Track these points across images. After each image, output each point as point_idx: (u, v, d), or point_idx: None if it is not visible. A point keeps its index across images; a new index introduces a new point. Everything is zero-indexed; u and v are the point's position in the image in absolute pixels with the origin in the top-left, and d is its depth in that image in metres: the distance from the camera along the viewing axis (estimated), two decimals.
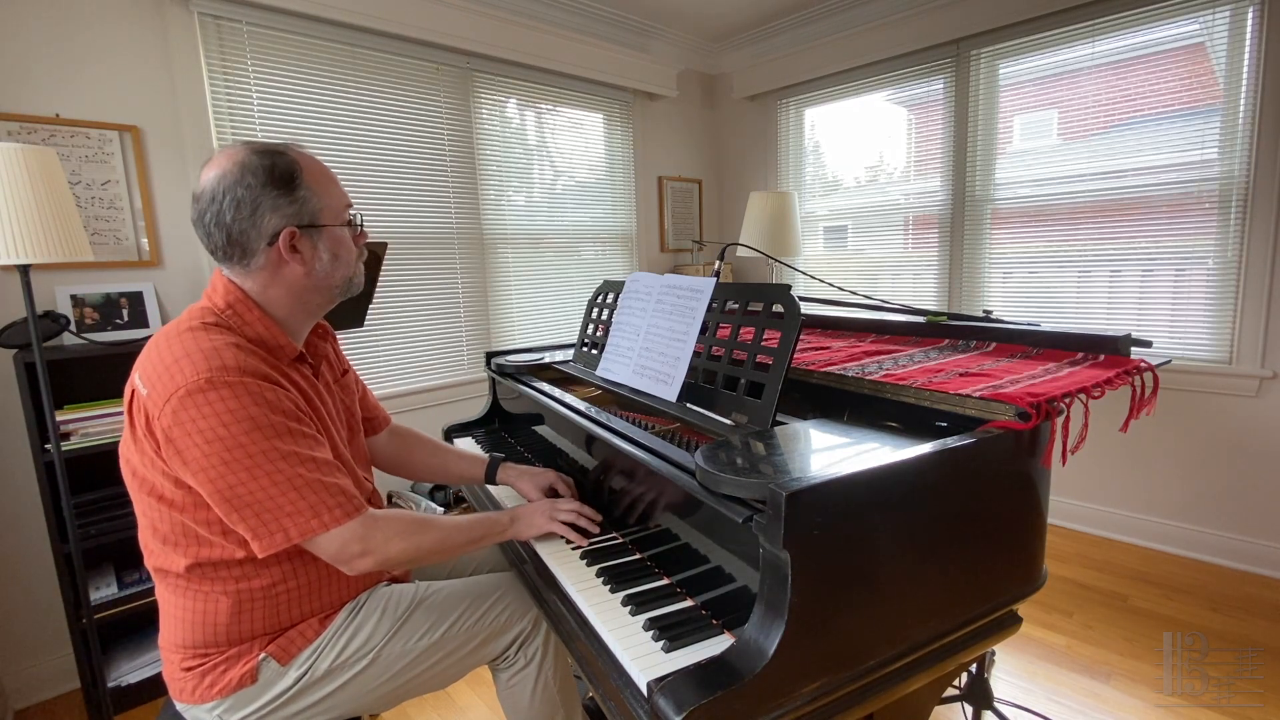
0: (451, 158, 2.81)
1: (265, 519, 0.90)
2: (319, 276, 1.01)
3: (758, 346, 1.12)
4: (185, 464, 0.88)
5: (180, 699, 1.01)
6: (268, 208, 0.94)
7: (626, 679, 0.83)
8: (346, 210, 1.05)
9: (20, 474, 1.89)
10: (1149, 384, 1.18)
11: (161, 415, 0.87)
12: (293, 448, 0.91)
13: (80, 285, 1.91)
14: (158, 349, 0.92)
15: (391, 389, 2.69)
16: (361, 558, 0.96)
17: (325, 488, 0.93)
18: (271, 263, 0.98)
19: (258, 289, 0.99)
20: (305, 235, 0.98)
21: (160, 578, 1.00)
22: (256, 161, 0.94)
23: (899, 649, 0.87)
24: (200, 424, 0.86)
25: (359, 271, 1.08)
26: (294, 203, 0.96)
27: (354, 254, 1.06)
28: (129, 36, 2.01)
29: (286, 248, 0.97)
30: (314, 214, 0.98)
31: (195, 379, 0.86)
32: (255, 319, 0.98)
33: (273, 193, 0.94)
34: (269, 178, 0.94)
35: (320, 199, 0.99)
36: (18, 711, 1.92)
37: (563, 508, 1.20)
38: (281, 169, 0.96)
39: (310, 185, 0.98)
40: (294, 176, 0.96)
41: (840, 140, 3.52)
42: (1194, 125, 2.40)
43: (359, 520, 0.96)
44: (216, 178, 0.94)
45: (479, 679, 1.92)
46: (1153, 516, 2.63)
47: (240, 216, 0.94)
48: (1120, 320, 2.63)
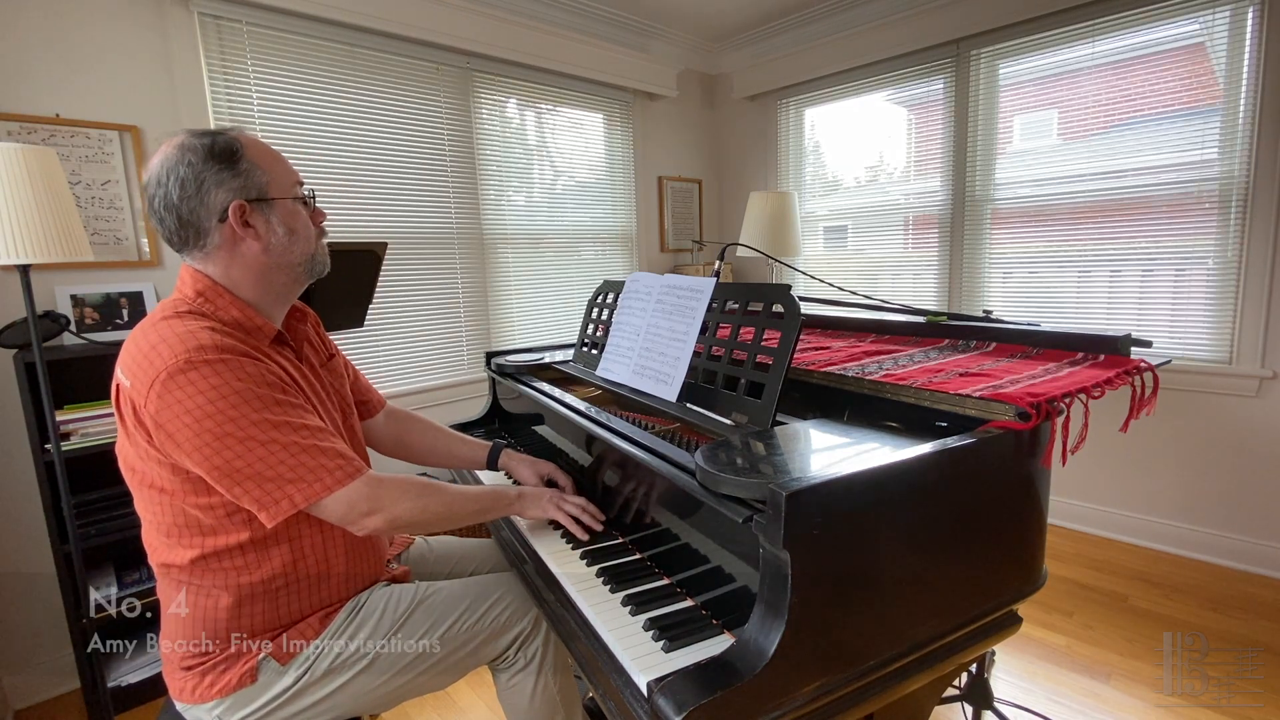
0: (451, 158, 2.81)
1: (268, 488, 0.90)
2: (277, 252, 1.00)
3: (758, 346, 1.12)
4: (179, 446, 0.88)
5: (180, 699, 1.01)
6: (212, 183, 0.94)
7: (626, 679, 0.83)
8: (297, 186, 1.04)
9: (20, 474, 1.89)
10: (1149, 384, 1.18)
11: (147, 403, 0.87)
12: (283, 417, 0.92)
13: (80, 285, 1.91)
14: (134, 341, 0.93)
15: (391, 389, 2.69)
16: (370, 516, 0.97)
17: (322, 452, 0.94)
18: (227, 241, 0.97)
19: (220, 272, 0.99)
20: (256, 210, 0.98)
21: (164, 574, 1.01)
22: (195, 141, 0.95)
23: (899, 649, 0.87)
24: (187, 404, 0.86)
25: (322, 249, 1.08)
26: (238, 176, 0.96)
27: (312, 231, 1.06)
28: (129, 36, 2.01)
29: (238, 222, 0.96)
30: (261, 187, 0.98)
31: (174, 361, 0.87)
32: (227, 304, 0.99)
33: (214, 167, 0.95)
34: (209, 154, 0.95)
35: (266, 173, 0.99)
36: (18, 711, 1.92)
37: (571, 500, 1.22)
38: (221, 145, 0.96)
39: (253, 159, 0.98)
40: (235, 151, 0.96)
41: (840, 140, 3.52)
42: (1194, 125, 2.40)
43: (362, 480, 0.97)
44: (159, 163, 0.95)
45: (479, 679, 1.92)
46: (1153, 516, 2.63)
47: (186, 195, 0.94)
48: (1120, 320, 2.63)
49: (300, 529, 1.01)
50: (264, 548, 0.99)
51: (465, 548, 1.42)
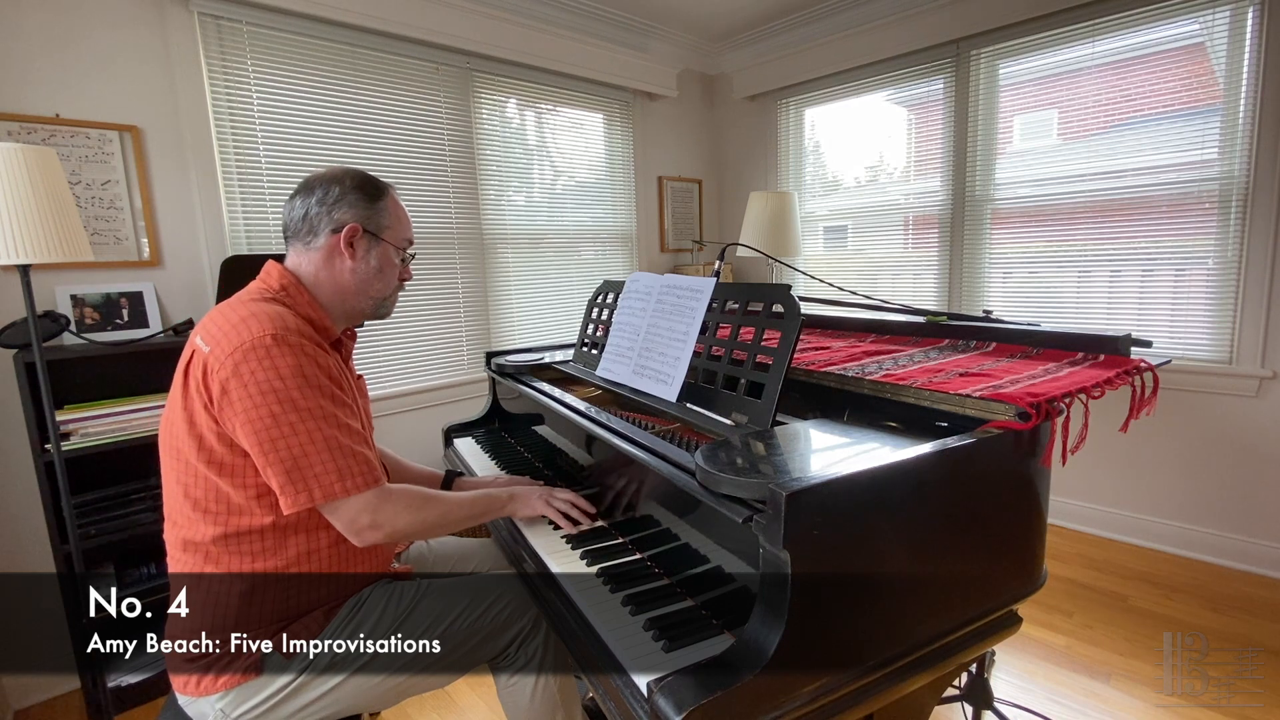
0: (451, 158, 2.81)
1: (294, 476, 0.96)
2: (361, 279, 1.13)
3: (758, 346, 1.12)
4: (236, 414, 0.94)
5: (184, 693, 1.03)
6: (347, 204, 1.10)
7: (626, 679, 0.83)
8: (407, 244, 1.18)
9: (20, 474, 1.89)
10: (1149, 384, 1.18)
11: (222, 368, 0.94)
12: (335, 411, 1.00)
13: (80, 285, 1.91)
14: (221, 314, 1.01)
15: (391, 389, 2.69)
16: (371, 530, 1.03)
17: (354, 455, 1.00)
18: (328, 249, 1.10)
19: (310, 272, 1.11)
20: (365, 238, 1.11)
21: (181, 552, 1.03)
22: (358, 174, 1.13)
23: (899, 649, 0.87)
24: (259, 375, 0.94)
25: (394, 300, 1.20)
26: (370, 210, 1.11)
27: (395, 279, 1.18)
28: (129, 36, 2.01)
29: (345, 240, 1.10)
30: (380, 227, 1.13)
31: (261, 335, 0.96)
32: (305, 301, 1.10)
33: (357, 194, 1.11)
34: (360, 185, 1.11)
35: (392, 221, 1.14)
36: (18, 711, 1.92)
37: (559, 495, 1.25)
38: (374, 185, 1.13)
39: (389, 208, 1.14)
40: (381, 194, 1.13)
41: (840, 140, 3.52)
42: (1194, 125, 2.39)
43: (375, 491, 1.02)
44: (323, 174, 1.12)
45: (479, 679, 1.92)
46: (1153, 516, 2.63)
47: (324, 202, 1.09)
48: (1120, 320, 2.63)
49: (319, 521, 1.04)
50: (283, 535, 1.02)
51: (465, 547, 1.42)
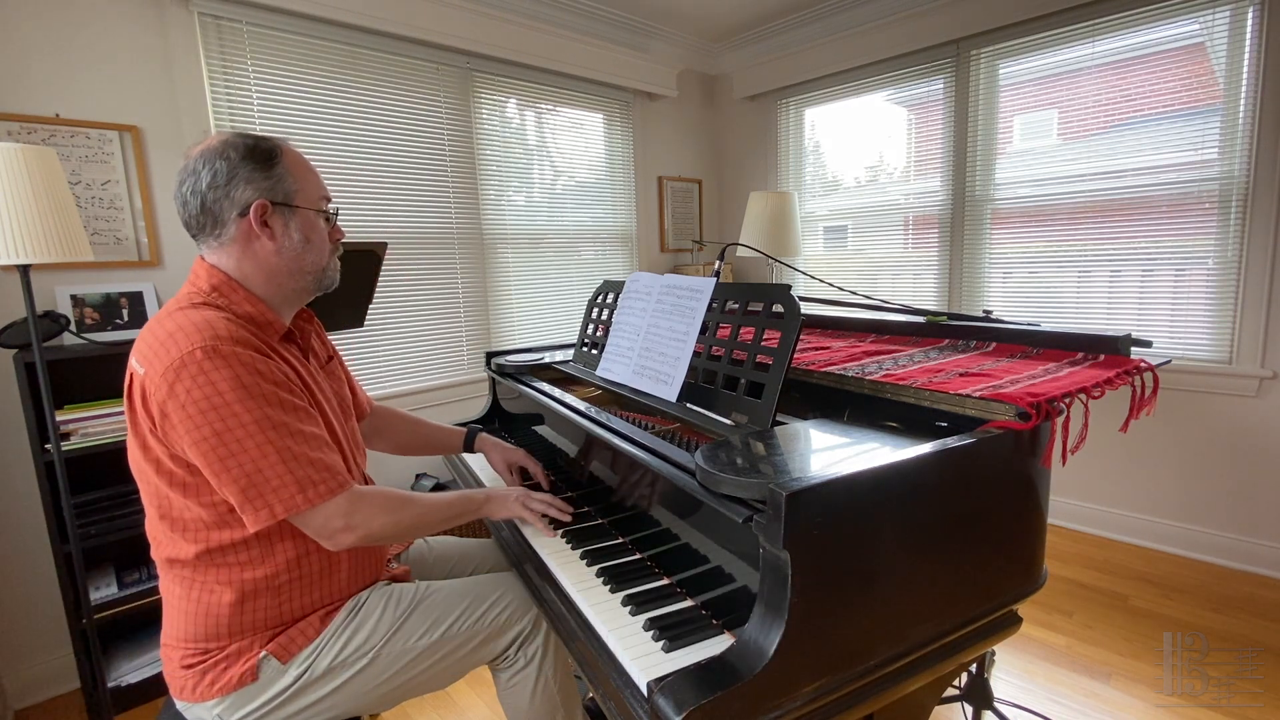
0: (451, 158, 2.81)
1: (251, 493, 0.90)
2: (289, 256, 1.03)
3: (758, 346, 1.12)
4: (180, 436, 0.89)
5: (181, 697, 1.01)
6: (242, 179, 0.98)
7: (626, 679, 0.83)
8: (323, 201, 1.08)
9: (20, 474, 1.89)
10: (1149, 384, 1.18)
11: (157, 390, 0.89)
12: (284, 418, 0.93)
13: (80, 285, 1.91)
14: (150, 330, 0.95)
15: (391, 389, 2.69)
16: (344, 532, 0.98)
17: (312, 463, 0.94)
18: (242, 235, 1.00)
19: (233, 266, 1.02)
20: (277, 212, 1.01)
21: (167, 569, 1.01)
22: (239, 140, 1.00)
23: (899, 649, 0.87)
24: (195, 394, 0.88)
25: (333, 266, 1.10)
26: (269, 179, 1.00)
27: (327, 245, 1.08)
28: (129, 36, 2.01)
29: (257, 221, 0.99)
30: (288, 193, 1.02)
31: (190, 350, 0.88)
32: (241, 298, 1.01)
33: (249, 166, 0.99)
34: (249, 154, 0.99)
35: (296, 182, 1.03)
36: (18, 711, 1.92)
37: (536, 497, 1.24)
38: (263, 149, 1.00)
39: (288, 167, 1.02)
40: (273, 156, 1.01)
41: (840, 140, 3.52)
42: (1194, 125, 2.40)
43: (345, 496, 0.97)
44: (200, 152, 0.99)
45: (479, 679, 1.92)
46: (1153, 516, 2.63)
47: (215, 185, 0.97)
48: (1120, 320, 2.63)
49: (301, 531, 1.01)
50: (269, 544, 0.99)
51: (465, 547, 1.42)
